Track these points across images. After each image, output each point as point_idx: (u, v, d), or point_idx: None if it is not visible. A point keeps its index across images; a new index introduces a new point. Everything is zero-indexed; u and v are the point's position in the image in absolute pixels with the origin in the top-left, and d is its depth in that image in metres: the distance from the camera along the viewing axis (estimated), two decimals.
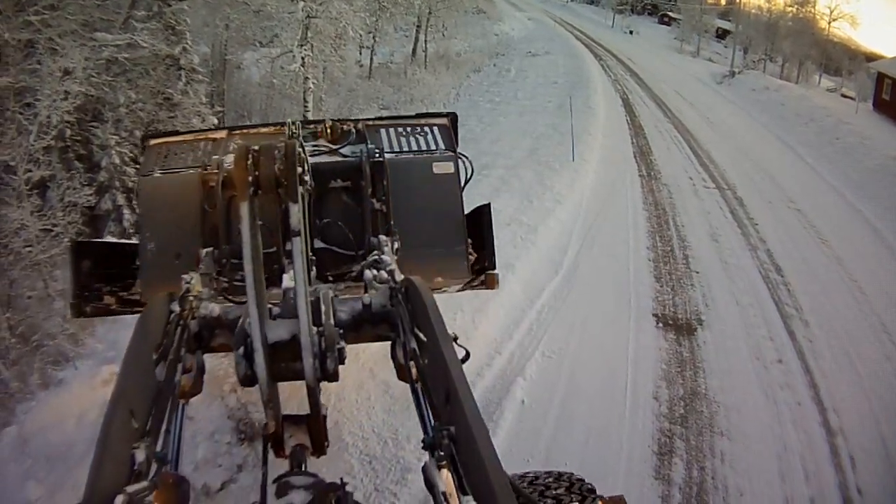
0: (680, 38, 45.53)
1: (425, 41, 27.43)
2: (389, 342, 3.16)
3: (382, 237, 4.32)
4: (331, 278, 4.45)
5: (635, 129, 18.61)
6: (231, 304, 3.33)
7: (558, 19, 46.45)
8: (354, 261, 4.53)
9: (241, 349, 2.63)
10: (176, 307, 2.99)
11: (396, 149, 5.11)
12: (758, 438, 6.68)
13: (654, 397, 7.18)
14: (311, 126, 5.47)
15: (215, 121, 12.64)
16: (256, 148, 2.75)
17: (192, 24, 13.44)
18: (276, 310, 2.81)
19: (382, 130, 5.28)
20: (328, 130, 5.29)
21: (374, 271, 3.61)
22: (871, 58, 38.71)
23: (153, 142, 5.31)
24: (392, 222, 4.69)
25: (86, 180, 10.34)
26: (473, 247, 5.15)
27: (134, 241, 5.54)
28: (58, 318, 7.84)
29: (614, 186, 13.41)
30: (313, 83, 15.86)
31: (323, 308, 2.82)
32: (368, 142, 5.10)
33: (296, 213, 2.72)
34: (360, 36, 19.76)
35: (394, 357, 3.05)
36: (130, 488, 1.74)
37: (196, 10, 14.57)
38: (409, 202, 4.84)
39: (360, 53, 23.85)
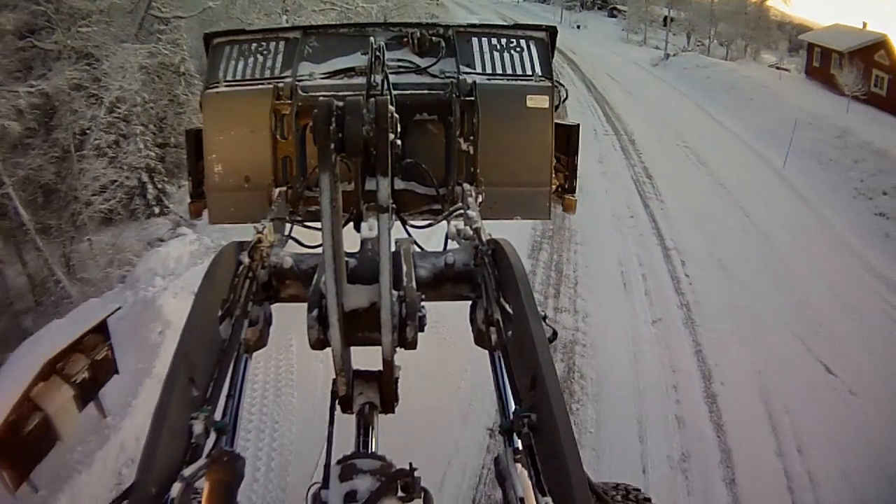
0: (626, 29, 54.45)
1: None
2: (470, 302, 3.08)
3: (467, 186, 4.22)
4: (409, 224, 4.10)
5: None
6: (305, 252, 3.22)
7: (508, 19, 55.39)
8: (436, 200, 4.43)
9: (315, 312, 2.60)
10: (245, 258, 2.87)
11: (489, 68, 4.87)
12: (603, 245, 14.25)
13: (532, 227, 14.44)
14: (397, 30, 5.16)
15: None
16: (341, 105, 2.44)
17: (189, 37, 17.99)
18: (351, 262, 2.71)
19: (475, 40, 5.01)
20: (415, 42, 4.99)
21: (459, 224, 3.44)
22: (803, 30, 48.26)
23: (217, 41, 5.08)
24: (478, 169, 4.53)
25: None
26: (560, 160, 5.10)
27: None
28: None
29: None
30: None
31: (404, 268, 2.79)
32: (459, 57, 4.85)
33: (385, 189, 2.49)
34: None
35: (472, 320, 3.00)
36: (187, 471, 1.83)
37: (191, 27, 18.83)
38: (496, 135, 4.62)
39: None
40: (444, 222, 3.72)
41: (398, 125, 2.79)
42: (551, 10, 63.22)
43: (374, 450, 2.57)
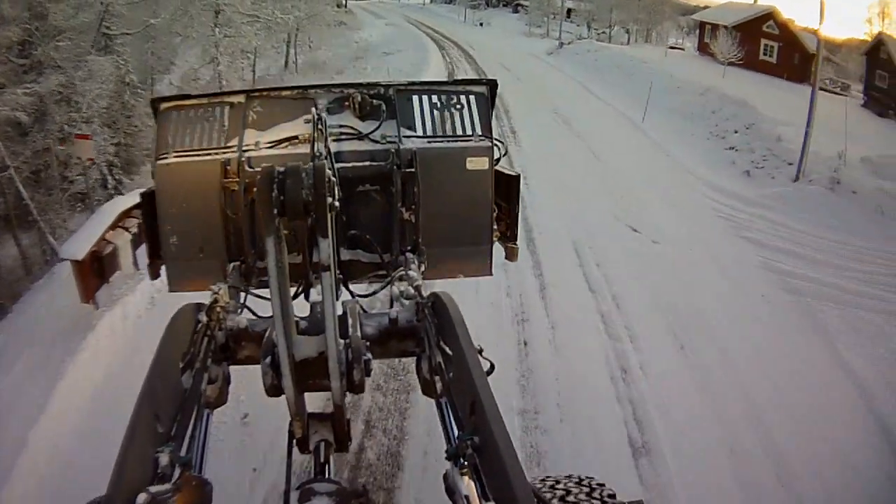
0: (529, 24, 58.35)
1: (295, 54, 37.97)
2: (415, 358, 3.49)
3: (410, 255, 4.49)
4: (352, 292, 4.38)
5: None
6: (257, 318, 3.60)
7: (414, 21, 58.76)
8: (380, 267, 4.75)
9: (269, 359, 2.98)
10: (203, 317, 3.30)
11: (429, 129, 5.14)
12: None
13: None
14: (338, 91, 5.38)
15: None
16: (282, 169, 2.85)
17: (131, 50, 21.67)
18: (302, 323, 3.13)
19: (415, 98, 5.27)
20: (356, 106, 5.20)
21: (401, 286, 3.90)
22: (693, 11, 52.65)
23: (164, 105, 5.27)
24: (420, 238, 4.87)
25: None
26: (497, 215, 5.46)
27: None
28: None
29: None
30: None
31: (350, 321, 3.15)
32: (400, 119, 5.13)
33: (326, 249, 2.89)
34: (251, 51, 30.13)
35: (419, 372, 3.40)
36: (153, 488, 1.98)
37: (134, 42, 22.33)
38: (437, 198, 4.96)
39: (242, 69, 34.53)
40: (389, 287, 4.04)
41: (338, 192, 3.16)
42: (456, 9, 67.05)
43: None
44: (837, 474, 7.56)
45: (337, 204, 3.15)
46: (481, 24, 60.21)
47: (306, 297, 3.62)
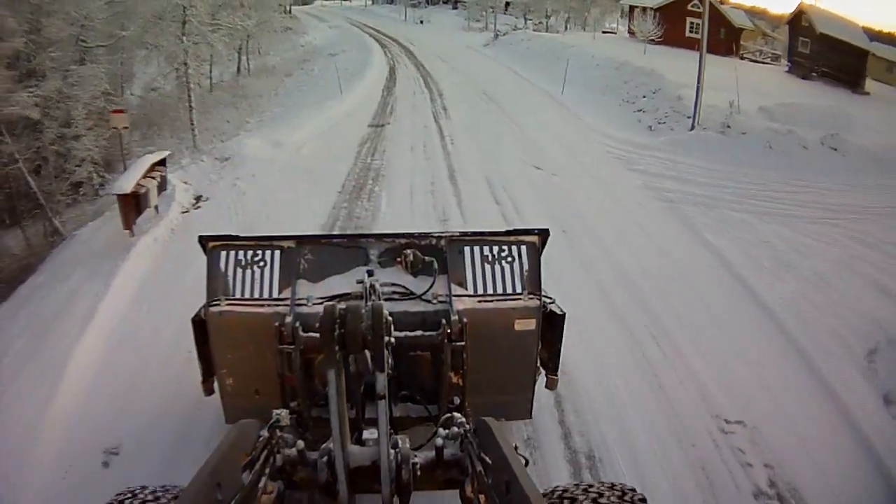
0: (467, 18, 62.24)
1: (247, 60, 41.20)
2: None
3: (457, 415, 4.55)
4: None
5: (392, 79, 33.52)
6: (315, 450, 4.05)
7: (357, 23, 62.61)
8: (427, 420, 5.24)
9: (325, 458, 3.75)
10: (265, 433, 3.84)
11: (479, 287, 5.56)
12: (406, 134, 20.57)
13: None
14: (390, 241, 5.80)
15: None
16: (343, 307, 3.53)
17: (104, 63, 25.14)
18: (355, 447, 3.94)
19: (466, 249, 5.65)
20: (408, 263, 5.65)
21: (446, 430, 4.28)
22: None
23: (212, 244, 5.70)
24: (467, 403, 5.27)
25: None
26: (545, 338, 5.76)
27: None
28: None
29: (368, 98, 28.12)
30: (192, 95, 27.41)
31: (399, 442, 3.86)
32: (451, 275, 5.57)
33: (382, 381, 3.59)
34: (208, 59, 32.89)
35: (462, 496, 3.84)
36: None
37: (105, 54, 25.64)
38: (483, 358, 5.31)
39: (201, 76, 37.28)
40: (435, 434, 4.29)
41: (392, 328, 3.75)
42: (397, 9, 71.79)
43: None
44: (694, 300, 10.31)
45: (393, 341, 3.75)
46: (421, 22, 64.48)
47: (358, 441, 4.09)
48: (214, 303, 5.57)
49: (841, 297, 10.42)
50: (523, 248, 5.66)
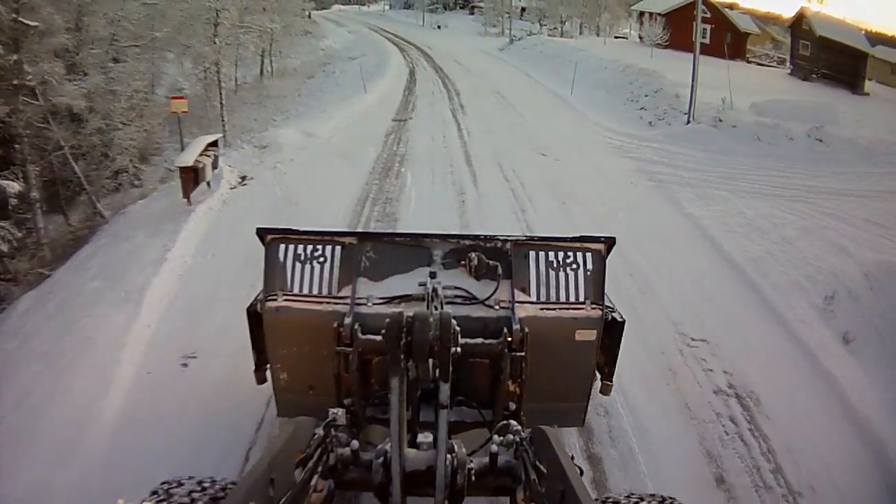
0: (484, 24, 64.28)
1: (271, 62, 43.20)
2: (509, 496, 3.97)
3: (513, 423, 4.45)
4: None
5: (412, 80, 35.58)
6: (367, 451, 4.04)
7: (375, 27, 64.63)
8: (482, 425, 5.23)
9: (381, 459, 3.71)
10: (320, 431, 3.82)
11: (542, 294, 5.56)
12: (426, 129, 22.92)
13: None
14: (454, 242, 5.74)
15: None
16: (411, 315, 3.56)
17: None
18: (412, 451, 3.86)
19: (532, 254, 5.63)
20: (472, 266, 5.58)
21: (501, 437, 4.22)
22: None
23: (271, 237, 5.64)
24: (523, 412, 5.16)
25: None
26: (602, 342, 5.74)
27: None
28: None
29: (390, 97, 30.18)
30: (222, 93, 29.66)
31: (455, 447, 3.80)
32: (514, 279, 5.55)
33: (445, 391, 3.58)
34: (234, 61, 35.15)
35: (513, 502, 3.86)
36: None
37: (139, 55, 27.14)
38: (542, 366, 5.25)
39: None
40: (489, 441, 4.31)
41: (458, 338, 3.83)
42: (414, 14, 73.55)
43: None
44: (666, 253, 12.14)
45: (459, 350, 3.84)
46: (439, 27, 66.52)
47: (412, 444, 3.98)
48: (271, 297, 5.56)
49: (803, 256, 11.89)
50: (588, 255, 5.63)
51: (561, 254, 5.64)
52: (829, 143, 20.98)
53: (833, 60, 37.83)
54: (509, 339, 5.15)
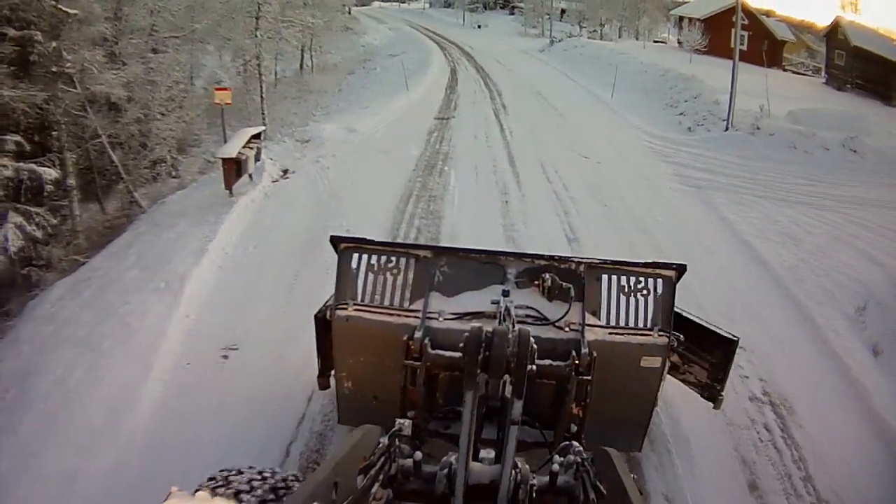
0: (524, 24, 64.50)
1: (311, 57, 43.63)
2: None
3: (575, 444, 4.37)
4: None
5: (453, 79, 36.00)
6: (429, 463, 3.98)
7: (415, 25, 64.86)
8: (542, 445, 5.23)
9: (445, 470, 3.70)
10: (384, 440, 3.79)
11: (612, 318, 5.60)
12: (469, 126, 23.12)
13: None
14: (529, 261, 5.81)
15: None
16: (490, 331, 3.63)
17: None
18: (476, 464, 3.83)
19: (604, 277, 5.67)
20: (545, 287, 5.62)
21: (562, 457, 4.13)
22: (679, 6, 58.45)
23: (344, 245, 5.68)
24: (584, 436, 5.11)
25: None
26: (708, 365, 6.13)
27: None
28: None
29: (431, 95, 30.62)
30: (263, 86, 29.19)
31: (518, 464, 3.80)
32: (586, 303, 5.60)
33: (518, 408, 3.64)
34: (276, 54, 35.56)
35: None
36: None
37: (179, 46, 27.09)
38: (606, 389, 5.26)
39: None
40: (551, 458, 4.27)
41: (535, 355, 3.93)
42: (455, 14, 73.14)
43: None
44: (702, 255, 12.43)
45: (534, 368, 3.96)
46: (479, 27, 66.55)
47: (475, 457, 4.02)
48: (342, 305, 5.61)
49: (835, 265, 12.23)
50: (660, 281, 5.69)
51: (633, 278, 5.72)
52: (862, 154, 21.09)
53: (867, 71, 37.49)
54: (577, 361, 5.21)
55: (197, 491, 3.56)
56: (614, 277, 5.75)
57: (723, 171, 18.85)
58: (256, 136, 16.29)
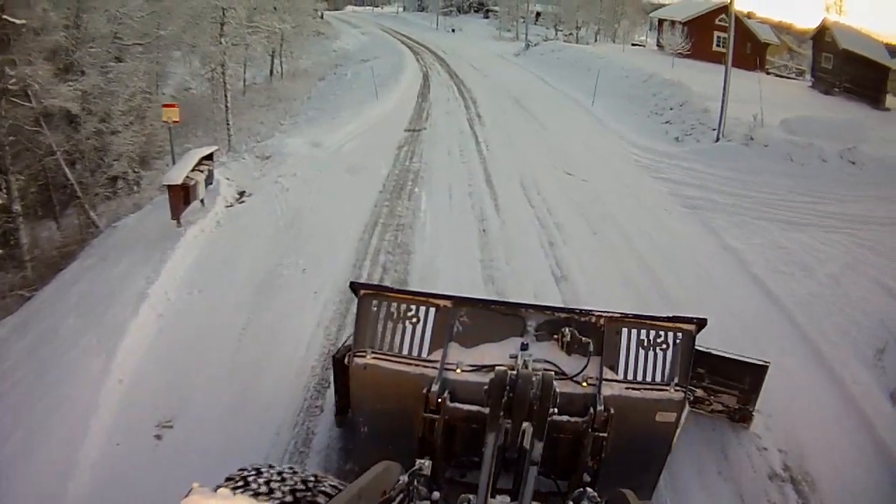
0: (499, 28, 63.56)
1: (281, 63, 42.55)
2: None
3: (590, 490, 4.53)
4: None
5: (426, 86, 34.56)
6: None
7: (389, 30, 64.00)
8: (556, 495, 5.32)
9: (466, 502, 3.92)
10: (405, 478, 3.93)
11: (630, 373, 5.56)
12: (443, 139, 21.58)
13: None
14: (550, 314, 5.80)
15: None
16: (514, 374, 3.93)
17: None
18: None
19: (624, 331, 5.63)
20: (564, 342, 5.60)
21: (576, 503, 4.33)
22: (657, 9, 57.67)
23: (364, 292, 5.70)
24: (598, 489, 4.92)
25: None
26: (738, 392, 6.44)
27: None
28: None
29: (403, 103, 29.12)
30: (228, 95, 28.33)
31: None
32: (605, 357, 5.56)
33: (538, 449, 3.88)
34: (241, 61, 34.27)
35: None
36: None
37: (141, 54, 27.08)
38: (620, 443, 5.30)
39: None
40: None
41: (557, 399, 4.12)
42: (428, 17, 72.64)
43: None
44: (703, 283, 11.61)
45: (556, 411, 4.09)
46: (453, 30, 65.80)
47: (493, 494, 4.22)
48: (360, 353, 5.61)
49: (849, 299, 11.19)
50: (679, 335, 5.64)
51: (653, 332, 5.65)
52: (861, 165, 19.80)
53: (855, 74, 36.76)
54: (593, 417, 5.19)
55: (218, 488, 3.47)
56: (634, 331, 5.70)
57: (719, 188, 17.59)
58: (208, 158, 14.86)
